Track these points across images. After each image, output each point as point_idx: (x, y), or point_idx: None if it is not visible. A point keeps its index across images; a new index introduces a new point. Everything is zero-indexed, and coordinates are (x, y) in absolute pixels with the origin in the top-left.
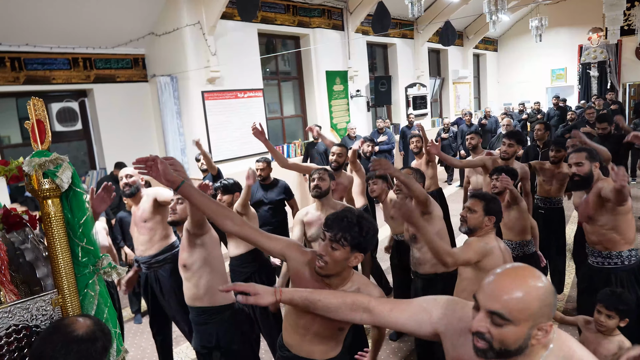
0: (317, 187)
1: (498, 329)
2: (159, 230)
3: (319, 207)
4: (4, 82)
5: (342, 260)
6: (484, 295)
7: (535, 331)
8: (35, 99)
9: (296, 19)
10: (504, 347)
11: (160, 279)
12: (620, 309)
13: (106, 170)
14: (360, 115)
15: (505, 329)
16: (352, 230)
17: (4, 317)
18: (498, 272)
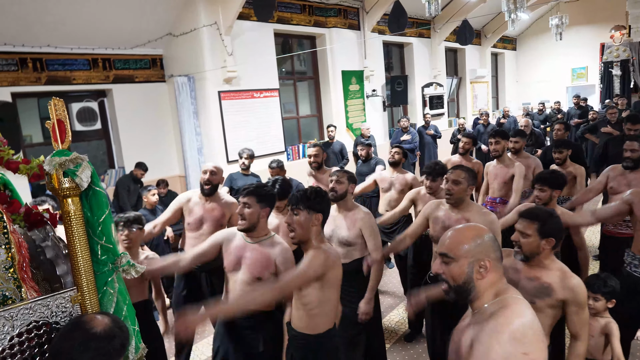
0: (333, 191)
1: (447, 267)
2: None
3: (336, 209)
4: (27, 83)
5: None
6: (439, 243)
7: (476, 267)
8: (56, 99)
9: (312, 18)
10: (455, 282)
11: (213, 282)
12: (605, 292)
13: (124, 169)
14: (376, 115)
15: (450, 265)
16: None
17: (25, 314)
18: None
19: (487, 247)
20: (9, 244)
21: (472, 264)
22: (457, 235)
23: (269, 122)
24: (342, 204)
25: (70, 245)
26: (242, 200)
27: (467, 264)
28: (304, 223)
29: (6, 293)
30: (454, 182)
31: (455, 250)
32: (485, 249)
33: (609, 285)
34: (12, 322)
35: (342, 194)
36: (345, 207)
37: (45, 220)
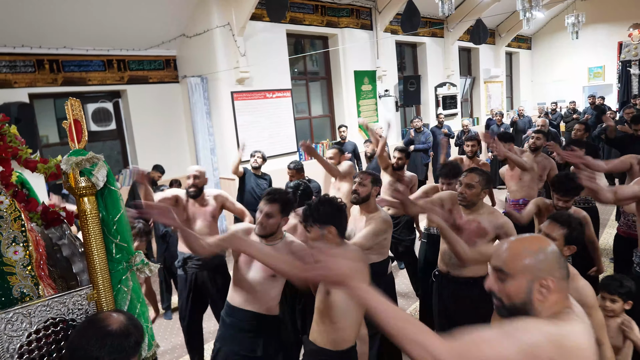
0: (355, 193)
1: (502, 284)
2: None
3: (359, 210)
4: (43, 84)
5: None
6: (493, 257)
7: (537, 286)
8: (73, 100)
9: (325, 19)
10: (511, 301)
11: (216, 278)
12: (622, 292)
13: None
14: (389, 115)
15: (506, 283)
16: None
17: (43, 311)
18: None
19: (551, 264)
20: (27, 242)
21: (532, 282)
22: (516, 248)
23: (281, 122)
24: (365, 207)
25: (86, 244)
26: (265, 209)
27: (527, 282)
28: (317, 239)
29: (24, 290)
30: (468, 185)
31: (513, 265)
32: (548, 265)
33: (625, 285)
34: (29, 318)
35: (364, 196)
36: (367, 210)
37: (61, 218)
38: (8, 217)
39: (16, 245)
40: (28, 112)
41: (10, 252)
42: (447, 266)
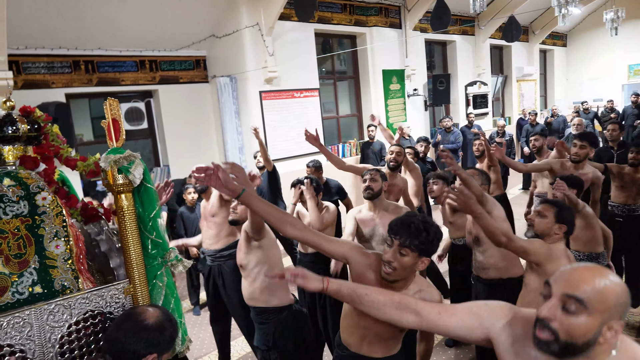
0: (369, 189)
1: (569, 317)
2: (225, 226)
3: (372, 207)
4: (79, 84)
5: (411, 266)
6: (561, 281)
7: (605, 329)
8: (111, 99)
9: (353, 18)
10: (571, 339)
11: (223, 274)
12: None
13: (169, 167)
14: (417, 114)
15: (577, 318)
16: (420, 236)
17: (82, 303)
18: (575, 265)
19: (625, 306)
20: (68, 237)
21: (603, 324)
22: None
23: (309, 121)
24: (378, 203)
25: (123, 239)
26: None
27: (599, 323)
28: (408, 267)
29: (65, 283)
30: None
31: (597, 304)
32: (624, 310)
33: None
34: (70, 310)
35: (378, 191)
36: (382, 205)
37: (100, 214)
38: (51, 213)
39: (58, 239)
40: (65, 111)
41: (53, 246)
42: (476, 270)
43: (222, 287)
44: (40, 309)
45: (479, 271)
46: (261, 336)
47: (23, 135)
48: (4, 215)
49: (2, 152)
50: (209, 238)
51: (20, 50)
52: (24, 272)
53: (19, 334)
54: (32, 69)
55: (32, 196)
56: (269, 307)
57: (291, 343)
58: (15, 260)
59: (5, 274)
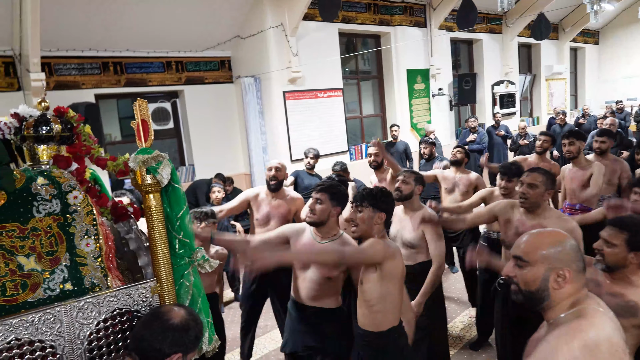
0: (398, 190)
1: (520, 270)
2: None
3: (403, 209)
4: (108, 85)
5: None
6: (514, 246)
7: (553, 275)
8: (141, 100)
9: (377, 17)
10: (527, 287)
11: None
12: None
13: (194, 166)
14: (442, 114)
15: (524, 270)
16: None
17: (110, 301)
18: None
19: (568, 256)
20: (98, 235)
21: (548, 271)
22: (535, 239)
23: (332, 121)
24: (408, 205)
25: (150, 238)
26: (315, 195)
27: (544, 270)
28: (367, 220)
29: (94, 280)
30: (530, 185)
31: (531, 255)
32: (565, 257)
33: None
34: (98, 308)
35: (407, 194)
36: (412, 208)
37: (129, 214)
38: (81, 211)
39: (88, 237)
40: (95, 111)
41: (83, 244)
42: None
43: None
44: (70, 306)
45: None
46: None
47: (57, 135)
48: (37, 214)
49: (36, 152)
50: None
51: (52, 52)
52: (55, 269)
53: (49, 330)
54: (63, 71)
55: (64, 195)
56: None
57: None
58: (47, 257)
59: (38, 270)
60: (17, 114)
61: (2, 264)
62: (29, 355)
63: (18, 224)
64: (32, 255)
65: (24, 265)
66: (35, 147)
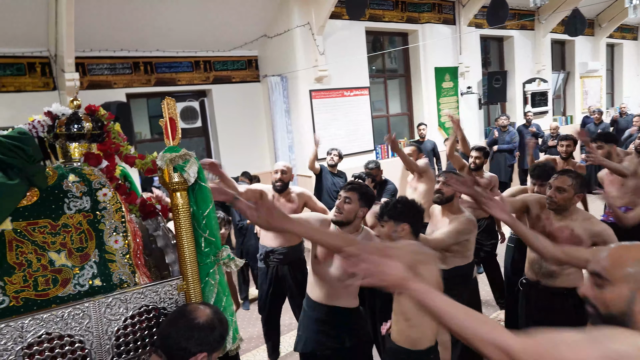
0: (439, 192)
1: (599, 290)
2: None
3: (441, 211)
4: (139, 84)
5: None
6: (590, 263)
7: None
8: (169, 99)
9: (405, 15)
10: (607, 310)
11: (295, 273)
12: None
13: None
14: (471, 113)
15: (604, 289)
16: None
17: (138, 298)
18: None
19: None
20: (126, 232)
21: (634, 292)
22: (620, 254)
23: (359, 120)
24: (448, 207)
25: (177, 236)
26: (345, 194)
27: (627, 291)
28: (389, 234)
29: (122, 277)
30: (558, 189)
31: (614, 272)
32: None
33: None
34: (126, 304)
35: (448, 196)
36: (450, 211)
37: (157, 211)
38: (110, 209)
39: (117, 234)
40: (126, 110)
41: (112, 241)
42: (536, 275)
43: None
44: (99, 302)
45: (540, 277)
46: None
47: (87, 133)
48: (68, 210)
49: (68, 149)
50: (282, 236)
51: (85, 52)
52: (85, 265)
53: (78, 325)
54: (96, 70)
55: (94, 192)
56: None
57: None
58: (77, 253)
59: (68, 266)
60: (50, 113)
61: (34, 259)
62: (59, 349)
63: (50, 220)
64: (62, 251)
65: (55, 260)
66: (67, 144)
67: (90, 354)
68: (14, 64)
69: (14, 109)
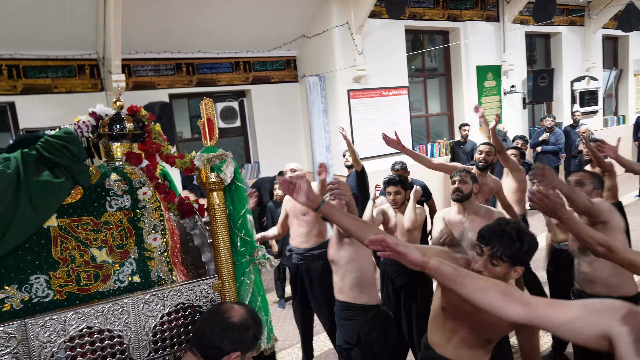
0: (458, 191)
1: None
2: (316, 226)
3: (461, 210)
4: (181, 85)
5: (503, 276)
6: None
7: None
8: (207, 99)
9: (446, 12)
10: None
11: (311, 273)
12: None
13: (259, 164)
14: (515, 113)
15: None
16: (513, 246)
17: (174, 295)
18: None
19: None
20: (164, 230)
21: None
22: None
23: (397, 120)
24: (468, 205)
25: (213, 235)
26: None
27: None
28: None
29: (160, 274)
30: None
31: None
32: None
33: None
34: (163, 301)
35: (467, 193)
36: (472, 209)
37: (194, 210)
38: (150, 207)
39: (155, 232)
40: (168, 111)
41: (150, 239)
42: (579, 283)
43: (309, 286)
44: (137, 298)
45: (583, 285)
46: (345, 333)
47: (129, 133)
48: (109, 208)
49: (111, 149)
50: (299, 236)
51: (131, 54)
52: (124, 262)
53: (117, 320)
54: (140, 72)
55: (135, 191)
56: (357, 303)
57: (376, 344)
58: (117, 250)
59: (109, 262)
60: (94, 113)
61: (77, 255)
62: (99, 343)
63: (92, 217)
64: (104, 247)
65: (97, 257)
66: (110, 144)
67: (128, 349)
68: (65, 66)
69: (65, 109)
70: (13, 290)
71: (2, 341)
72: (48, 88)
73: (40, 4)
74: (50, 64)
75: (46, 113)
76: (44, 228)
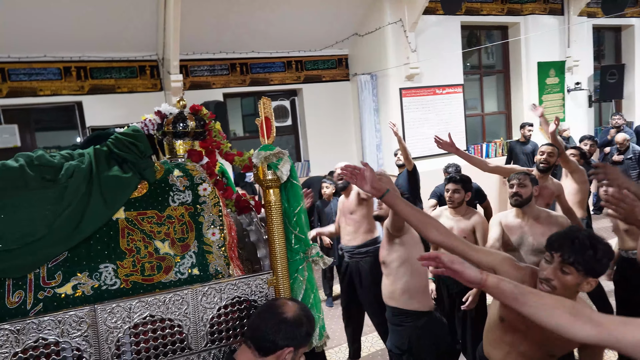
0: (517, 195)
1: None
2: (364, 224)
3: (520, 214)
4: (235, 84)
5: (573, 286)
6: None
7: None
8: (265, 98)
9: (505, 7)
10: None
11: (361, 271)
12: None
13: (309, 162)
14: (579, 111)
15: None
16: (585, 253)
17: (231, 288)
18: None
19: None
20: (222, 226)
21: None
22: None
23: (451, 119)
24: (528, 210)
25: (269, 232)
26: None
27: None
28: (570, 287)
29: (218, 268)
30: None
31: None
32: None
33: None
34: (220, 294)
35: (527, 197)
36: (532, 213)
37: (251, 207)
38: (209, 203)
39: (214, 227)
40: (223, 109)
41: (209, 234)
42: None
43: (358, 284)
44: (196, 290)
45: None
46: (396, 338)
47: (191, 131)
48: (172, 203)
49: (174, 146)
50: (347, 234)
51: (188, 55)
52: (185, 255)
53: (177, 310)
54: (197, 72)
55: (196, 186)
56: (408, 309)
57: (427, 350)
58: (179, 243)
59: (171, 255)
60: (159, 112)
61: (142, 247)
62: (160, 331)
63: (157, 211)
64: (166, 240)
65: (160, 249)
66: (174, 141)
67: (187, 338)
68: (128, 67)
69: (127, 108)
70: (85, 277)
71: (74, 324)
72: (112, 88)
73: (106, 9)
74: (114, 65)
75: (110, 112)
76: (113, 220)
